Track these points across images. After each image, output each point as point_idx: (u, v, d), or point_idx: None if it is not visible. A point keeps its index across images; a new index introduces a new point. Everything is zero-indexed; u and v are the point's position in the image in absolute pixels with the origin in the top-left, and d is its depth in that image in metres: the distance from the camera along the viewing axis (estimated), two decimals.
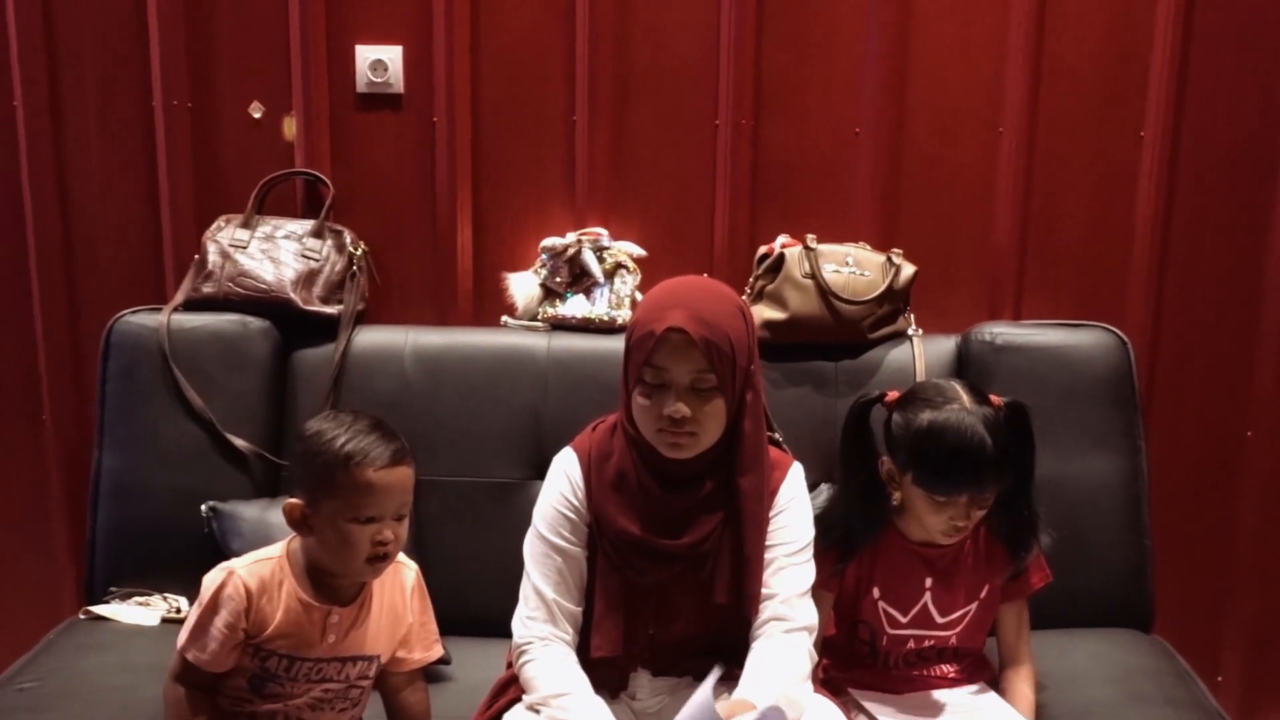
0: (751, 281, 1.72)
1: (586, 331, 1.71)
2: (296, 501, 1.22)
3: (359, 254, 1.75)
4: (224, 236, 1.73)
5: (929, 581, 1.39)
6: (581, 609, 1.31)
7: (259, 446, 1.64)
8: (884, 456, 1.39)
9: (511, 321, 1.76)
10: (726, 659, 1.29)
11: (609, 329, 1.71)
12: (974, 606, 1.41)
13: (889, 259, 1.69)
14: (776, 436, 1.58)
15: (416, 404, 1.63)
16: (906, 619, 1.40)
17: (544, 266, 1.76)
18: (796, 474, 1.35)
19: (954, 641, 1.42)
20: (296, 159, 1.79)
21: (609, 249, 1.75)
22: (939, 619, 1.40)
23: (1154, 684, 1.46)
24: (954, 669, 1.43)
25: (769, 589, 1.28)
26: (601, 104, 1.76)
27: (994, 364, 1.63)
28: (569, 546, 1.30)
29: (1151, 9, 1.70)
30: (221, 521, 1.57)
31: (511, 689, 1.32)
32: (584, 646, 1.30)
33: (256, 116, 1.79)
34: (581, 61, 1.74)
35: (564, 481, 1.32)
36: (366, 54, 1.76)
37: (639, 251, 1.76)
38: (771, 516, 1.31)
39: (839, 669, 1.43)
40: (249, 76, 1.77)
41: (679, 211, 1.79)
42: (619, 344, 1.33)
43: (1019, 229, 1.77)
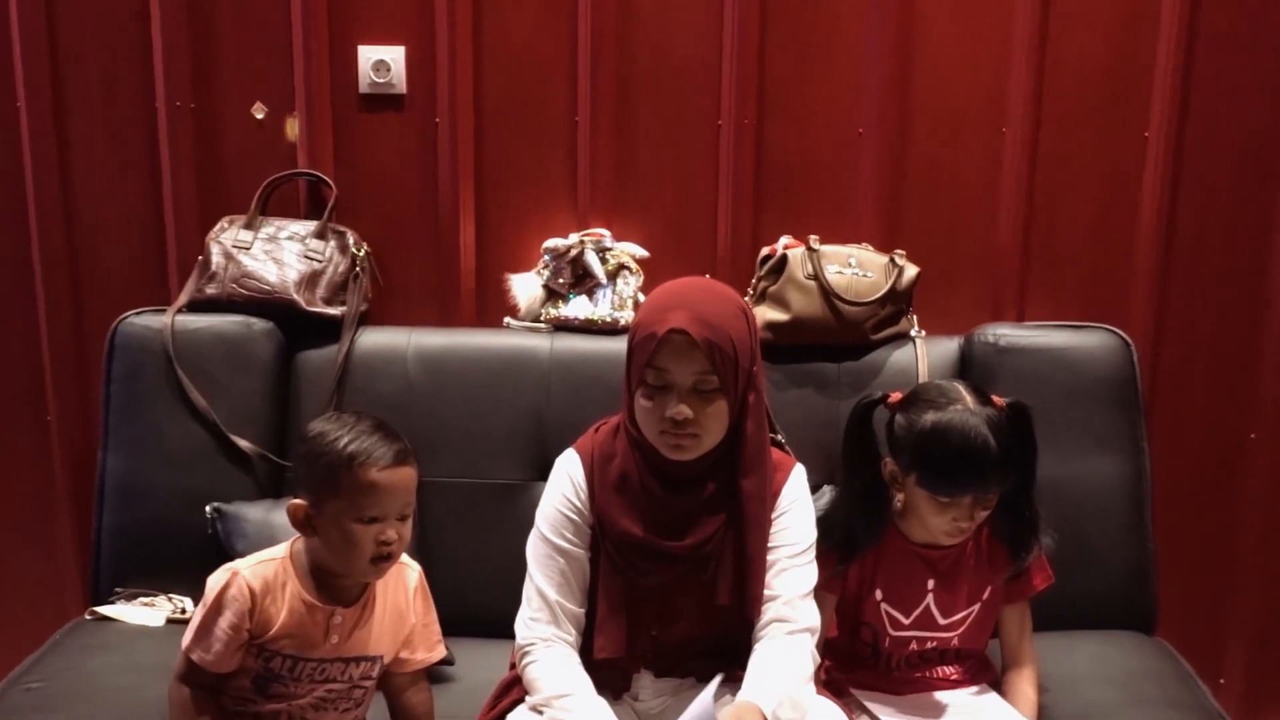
0: (754, 282, 1.72)
1: (589, 333, 1.71)
2: (300, 502, 1.22)
3: (362, 255, 1.75)
4: (227, 238, 1.73)
5: (931, 583, 1.39)
6: (584, 610, 1.31)
7: (263, 448, 1.65)
8: (887, 458, 1.38)
9: (514, 323, 1.76)
10: (729, 660, 1.30)
11: (611, 330, 1.71)
12: (976, 608, 1.40)
13: (892, 260, 1.69)
14: (779, 438, 1.58)
15: (419, 405, 1.63)
16: (909, 620, 1.40)
17: (546, 267, 1.76)
18: (799, 475, 1.35)
19: (956, 643, 1.42)
20: (299, 160, 1.78)
21: (611, 250, 1.75)
22: (941, 620, 1.40)
23: (1156, 686, 1.47)
24: (956, 670, 1.43)
25: (771, 590, 1.28)
26: (604, 104, 1.76)
27: (997, 365, 1.63)
28: (572, 548, 1.30)
29: (1156, 9, 1.69)
30: (226, 522, 1.58)
31: (514, 690, 1.32)
32: (587, 648, 1.30)
33: (259, 117, 1.79)
34: (584, 61, 1.74)
35: (567, 483, 1.32)
36: (369, 54, 1.76)
37: (641, 252, 1.76)
38: (774, 518, 1.31)
39: (841, 670, 1.43)
40: (251, 77, 1.77)
41: (681, 212, 1.79)
42: (621, 345, 1.33)
43: (1022, 230, 1.76)
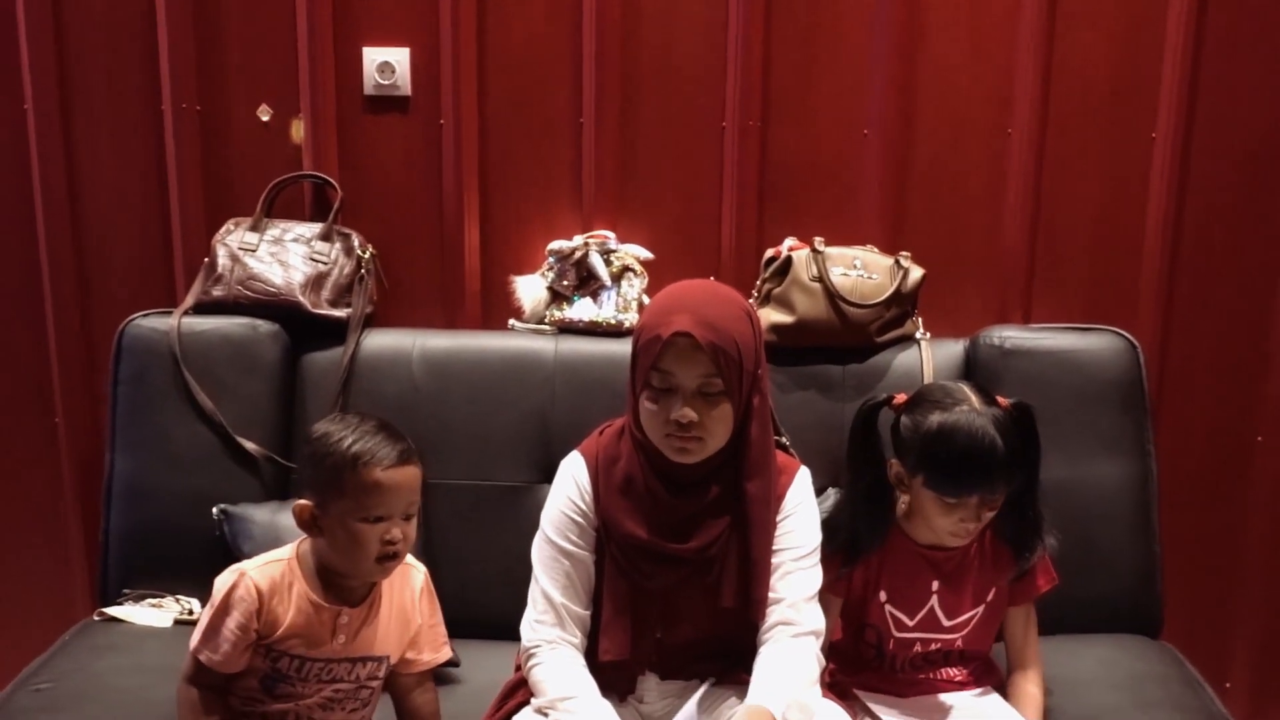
0: (758, 285, 1.71)
1: (593, 335, 1.71)
2: (306, 503, 1.23)
3: (367, 257, 1.75)
4: (233, 240, 1.74)
5: (935, 584, 1.39)
6: (589, 613, 1.31)
7: (269, 449, 1.65)
8: (892, 460, 1.38)
9: (519, 325, 1.76)
10: (733, 663, 1.30)
11: (616, 332, 1.71)
12: (981, 609, 1.40)
13: (897, 262, 1.68)
14: (783, 440, 1.58)
15: (424, 407, 1.63)
16: (913, 622, 1.40)
17: (551, 269, 1.76)
18: (803, 478, 1.35)
19: (960, 644, 1.42)
20: (304, 162, 1.79)
21: (616, 252, 1.75)
22: (945, 622, 1.40)
23: (1162, 690, 1.46)
24: (961, 672, 1.43)
25: (776, 593, 1.28)
26: (609, 106, 1.75)
27: (1002, 368, 1.62)
28: (577, 550, 1.30)
29: (1163, 9, 1.68)
30: (232, 524, 1.58)
31: (520, 692, 1.32)
32: (592, 650, 1.30)
33: (265, 119, 1.79)
34: (588, 63, 1.74)
35: (571, 485, 1.32)
36: (374, 56, 1.76)
37: (646, 254, 1.75)
38: (779, 521, 1.31)
39: (845, 672, 1.43)
40: (257, 79, 1.78)
41: (686, 214, 1.79)
42: (626, 347, 1.33)
43: (1028, 231, 1.76)
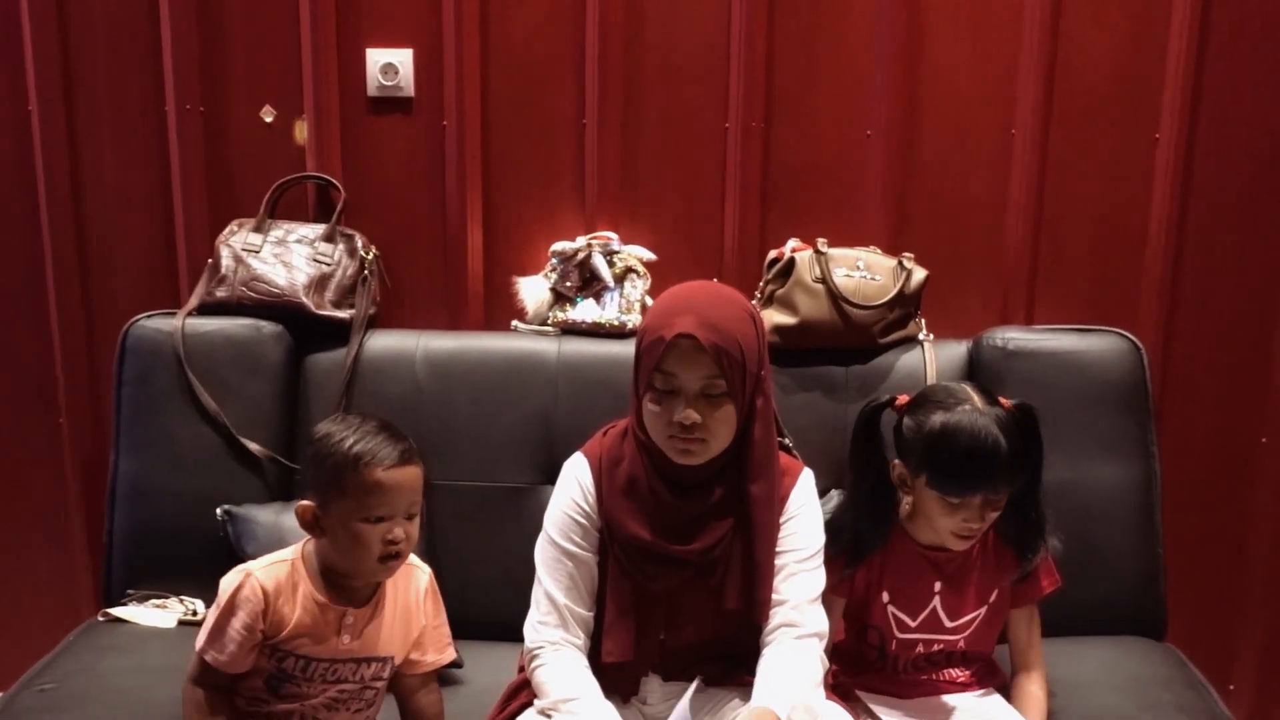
0: (761, 286, 1.71)
1: (596, 336, 1.71)
2: (308, 504, 1.23)
3: (370, 258, 1.76)
4: (237, 241, 1.74)
5: (938, 585, 1.39)
6: (593, 614, 1.31)
7: (272, 450, 1.65)
8: (895, 460, 1.38)
9: (522, 326, 1.76)
10: (737, 665, 1.30)
11: (619, 333, 1.71)
12: (983, 610, 1.40)
13: (900, 263, 1.68)
14: (786, 442, 1.58)
15: (428, 408, 1.63)
16: (915, 623, 1.40)
17: (554, 271, 1.76)
18: (807, 480, 1.35)
19: (963, 646, 1.42)
20: (308, 163, 1.79)
21: (619, 253, 1.75)
22: (948, 623, 1.40)
23: (1166, 692, 1.46)
24: (963, 673, 1.43)
25: (779, 595, 1.29)
26: (611, 107, 1.76)
27: (1005, 369, 1.62)
28: (580, 552, 1.31)
29: (1167, 10, 1.68)
30: (236, 525, 1.59)
31: (523, 693, 1.32)
32: (595, 651, 1.30)
33: (268, 120, 1.79)
34: (591, 64, 1.74)
35: (575, 487, 1.33)
36: (377, 57, 1.77)
37: (649, 255, 1.76)
38: (782, 523, 1.31)
39: (848, 673, 1.43)
40: (260, 80, 1.78)
41: (689, 215, 1.79)
42: (629, 349, 1.33)
43: (1031, 232, 1.75)
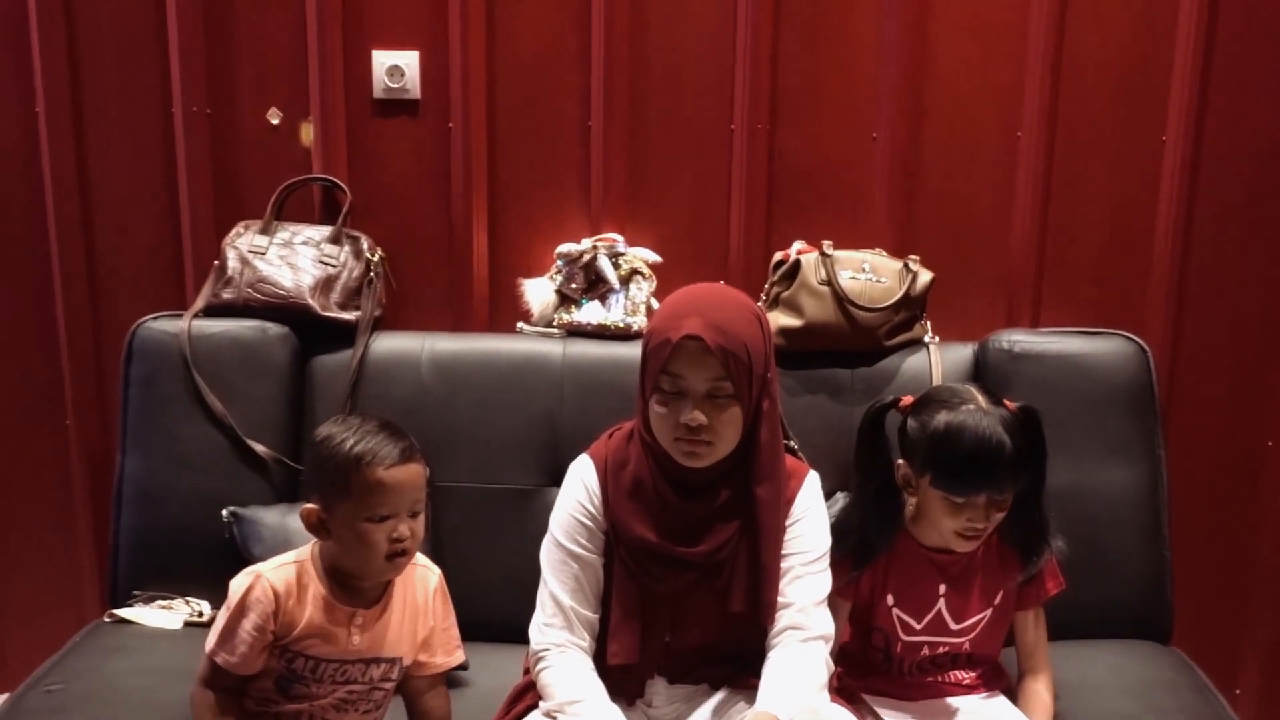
0: (767, 288, 1.71)
1: (602, 338, 1.71)
2: (313, 506, 1.23)
3: (376, 260, 1.76)
4: (243, 243, 1.74)
5: (943, 588, 1.39)
6: (598, 616, 1.31)
7: (278, 452, 1.66)
8: (900, 461, 1.38)
9: (527, 328, 1.76)
10: (742, 667, 1.30)
11: (624, 335, 1.71)
12: (988, 613, 1.40)
13: (906, 265, 1.68)
14: (792, 444, 1.58)
15: (433, 410, 1.63)
16: (920, 625, 1.40)
17: (559, 272, 1.76)
18: (812, 482, 1.35)
19: (968, 648, 1.42)
20: (314, 165, 1.79)
21: (624, 255, 1.75)
22: (953, 625, 1.40)
23: (1172, 696, 1.46)
24: (968, 675, 1.43)
25: (785, 598, 1.29)
26: (617, 109, 1.76)
27: (1011, 372, 1.62)
28: (586, 554, 1.31)
29: (1174, 11, 1.68)
30: (242, 526, 1.59)
31: (528, 695, 1.32)
32: (601, 653, 1.30)
33: (274, 122, 1.79)
34: (597, 66, 1.74)
35: (580, 489, 1.33)
36: (383, 59, 1.77)
37: (654, 257, 1.75)
38: (788, 525, 1.31)
39: (853, 676, 1.43)
40: (267, 82, 1.78)
41: (694, 217, 1.79)
42: (635, 350, 1.33)
43: (1037, 235, 1.75)
